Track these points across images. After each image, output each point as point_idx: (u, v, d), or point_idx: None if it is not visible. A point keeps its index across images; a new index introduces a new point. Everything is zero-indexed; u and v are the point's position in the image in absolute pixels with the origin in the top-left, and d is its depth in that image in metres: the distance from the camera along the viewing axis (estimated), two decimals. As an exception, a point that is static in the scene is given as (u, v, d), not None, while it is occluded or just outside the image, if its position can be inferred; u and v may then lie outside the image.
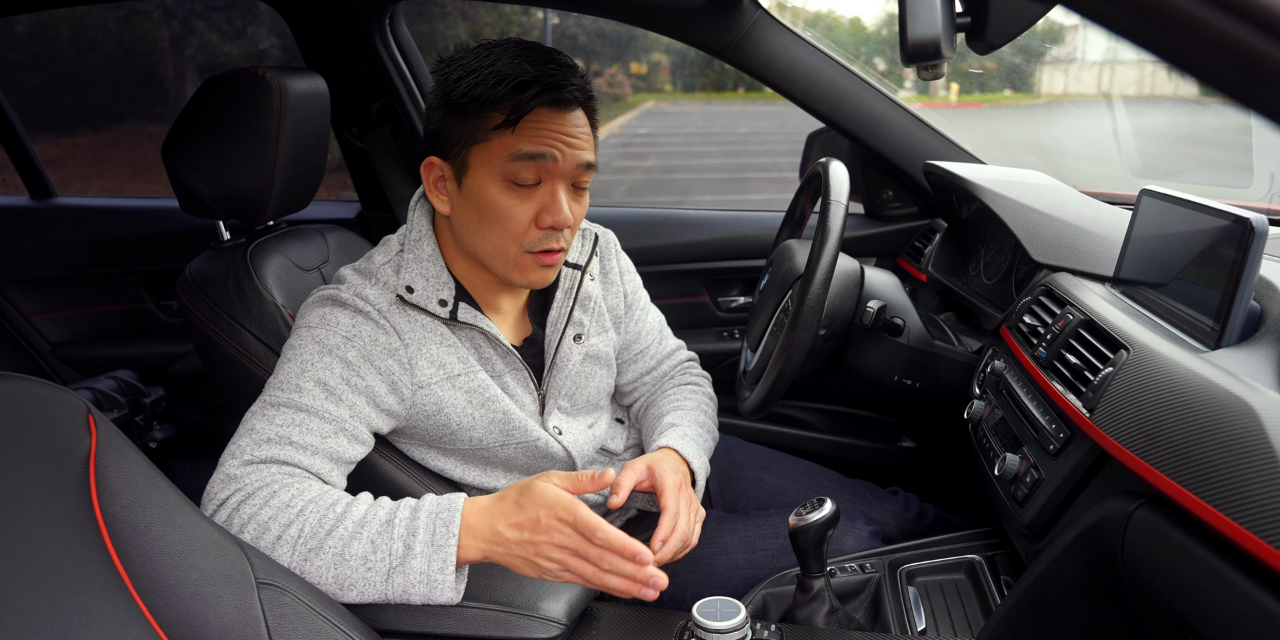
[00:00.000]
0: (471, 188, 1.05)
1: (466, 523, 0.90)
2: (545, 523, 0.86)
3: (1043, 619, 0.92)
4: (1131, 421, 0.81)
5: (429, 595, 0.89)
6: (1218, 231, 0.86)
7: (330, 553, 0.88)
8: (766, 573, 1.22)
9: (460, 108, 1.02)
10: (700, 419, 1.28)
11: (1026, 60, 5.58)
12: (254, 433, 0.97)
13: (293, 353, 1.03)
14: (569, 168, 1.04)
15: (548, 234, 1.05)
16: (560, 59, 1.04)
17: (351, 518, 0.91)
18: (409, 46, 2.00)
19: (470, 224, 1.07)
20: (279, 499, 0.92)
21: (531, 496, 0.88)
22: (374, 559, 0.88)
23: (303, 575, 0.88)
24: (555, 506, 0.87)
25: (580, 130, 1.05)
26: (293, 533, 0.89)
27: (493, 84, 1.00)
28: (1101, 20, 0.48)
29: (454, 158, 1.06)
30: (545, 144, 1.02)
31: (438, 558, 0.88)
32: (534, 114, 1.01)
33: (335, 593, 0.89)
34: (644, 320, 1.36)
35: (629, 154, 11.14)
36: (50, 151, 6.71)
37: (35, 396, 0.72)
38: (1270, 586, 0.61)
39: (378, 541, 0.89)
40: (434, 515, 0.90)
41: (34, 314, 2.26)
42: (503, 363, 1.14)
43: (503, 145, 1.02)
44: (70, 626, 0.64)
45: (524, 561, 0.89)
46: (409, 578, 0.88)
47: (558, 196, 1.04)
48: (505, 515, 0.89)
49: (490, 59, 1.02)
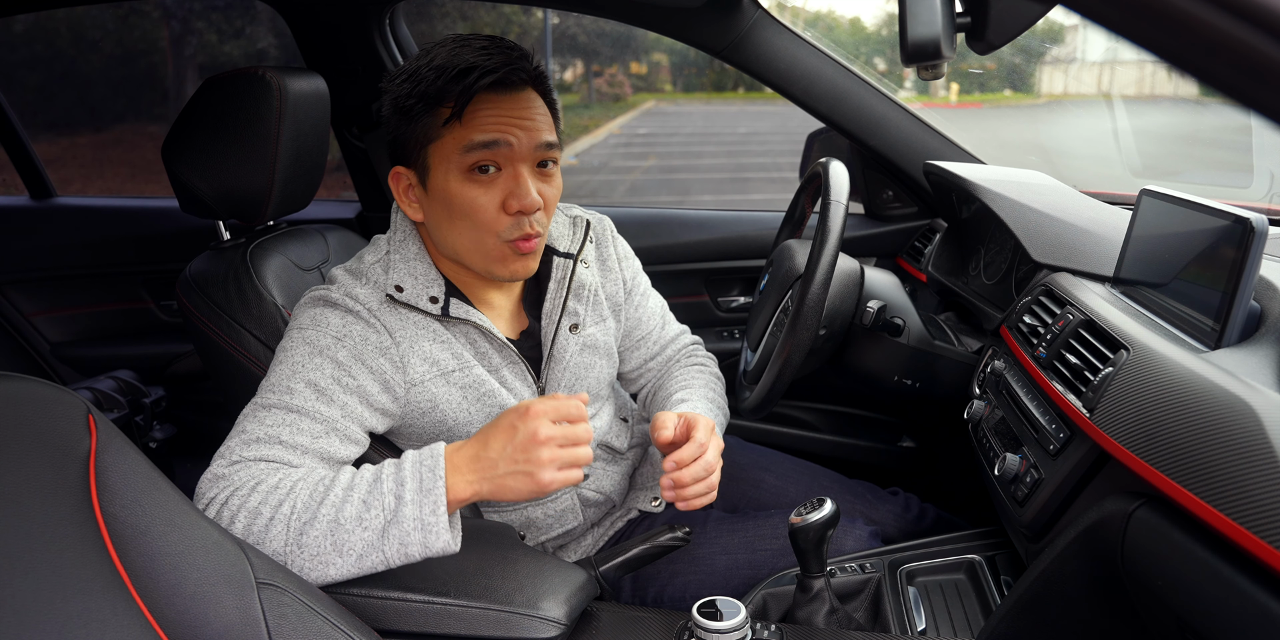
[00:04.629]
0: (435, 187, 1.04)
1: (451, 463, 0.92)
2: (525, 425, 0.89)
3: (1043, 619, 0.92)
4: (1131, 421, 0.81)
5: (425, 542, 0.89)
6: (1218, 231, 0.86)
7: (324, 520, 0.89)
8: (766, 573, 1.22)
9: (408, 110, 1.02)
10: (710, 395, 1.28)
11: (1026, 60, 5.58)
12: (244, 434, 0.98)
13: (284, 355, 1.03)
14: (527, 150, 1.03)
15: (518, 220, 1.04)
16: (502, 43, 1.03)
17: (340, 484, 0.92)
18: (409, 46, 2.00)
19: (443, 224, 1.06)
20: (266, 484, 0.92)
21: (502, 414, 0.92)
22: (368, 517, 0.89)
23: (299, 550, 0.88)
24: (526, 407, 0.90)
25: (533, 111, 1.03)
26: (285, 511, 0.90)
27: (433, 78, 0.99)
28: (1101, 20, 0.48)
29: (415, 162, 1.05)
30: (497, 130, 1.01)
31: (428, 501, 0.89)
32: (481, 102, 1.00)
33: (333, 561, 0.89)
34: (644, 306, 1.35)
35: (629, 154, 11.14)
36: (50, 151, 6.71)
37: (35, 396, 0.72)
38: (1270, 586, 0.61)
39: (369, 500, 0.90)
40: (418, 463, 0.92)
41: (34, 314, 2.26)
42: (499, 357, 1.14)
43: (455, 139, 1.01)
44: (70, 626, 0.64)
45: (518, 476, 0.90)
46: (403, 527, 0.89)
47: (522, 180, 1.02)
48: (483, 438, 0.92)
49: (429, 57, 1.01)
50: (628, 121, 14.29)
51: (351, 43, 1.90)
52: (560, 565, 1.01)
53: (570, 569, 1.00)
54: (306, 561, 0.89)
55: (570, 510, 1.25)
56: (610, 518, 1.33)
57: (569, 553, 1.30)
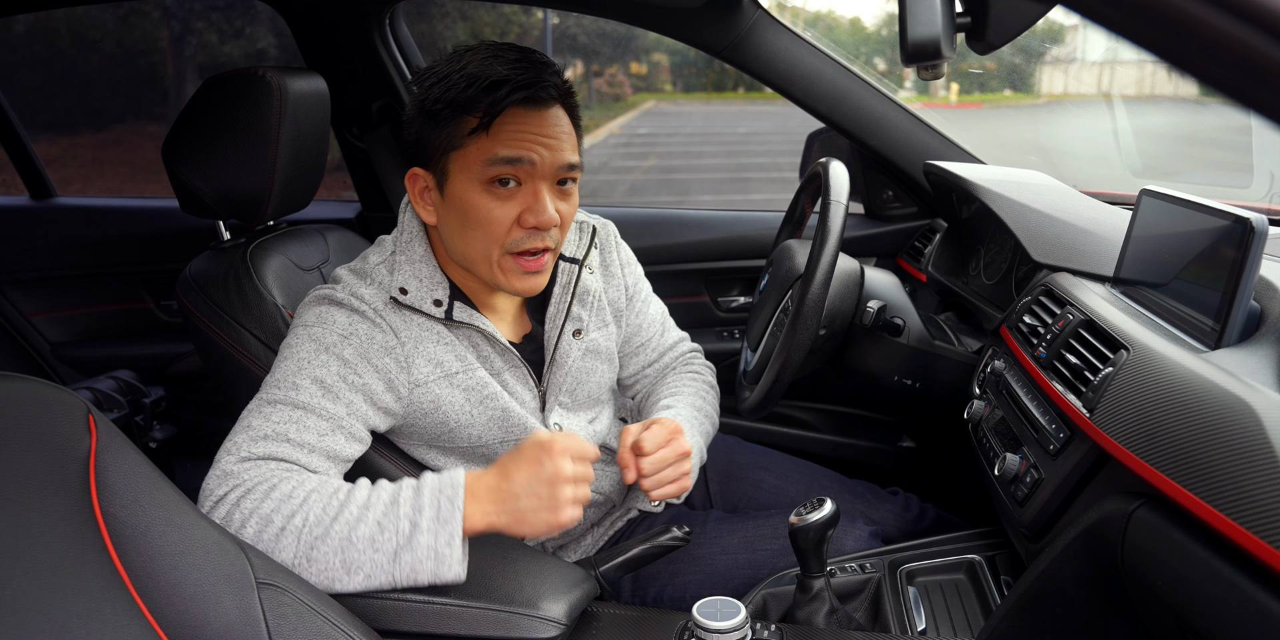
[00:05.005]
0: (453, 194, 1.04)
1: (470, 492, 0.92)
2: (550, 462, 0.91)
3: (1043, 619, 0.92)
4: (1131, 421, 0.81)
5: (436, 572, 0.89)
6: (1218, 231, 0.86)
7: (336, 538, 0.89)
8: (766, 573, 1.22)
9: (435, 115, 1.02)
10: (697, 403, 1.28)
11: (1026, 60, 5.58)
12: (250, 430, 0.97)
13: (289, 351, 1.03)
14: (549, 169, 1.03)
15: (530, 233, 1.04)
16: (534, 57, 1.03)
17: (355, 502, 0.91)
18: (409, 46, 2.00)
19: (455, 230, 1.06)
20: (279, 492, 0.92)
21: (523, 444, 0.94)
22: (381, 539, 0.89)
23: (308, 563, 0.88)
24: (550, 444, 0.92)
25: (559, 130, 1.03)
26: (296, 523, 0.89)
27: (464, 87, 0.99)
28: (1101, 20, 0.48)
29: (434, 166, 1.05)
30: (522, 147, 1.00)
31: (444, 532, 0.89)
32: (509, 116, 1.00)
33: (340, 578, 0.88)
34: (645, 312, 1.35)
35: (629, 154, 11.14)
36: (50, 151, 6.71)
37: (35, 396, 0.72)
38: (1270, 586, 0.61)
39: (384, 522, 0.90)
40: (438, 491, 0.92)
41: (34, 314, 2.26)
42: (501, 360, 1.14)
43: (480, 150, 1.01)
44: (70, 626, 0.64)
45: (539, 512, 0.91)
46: (416, 555, 0.88)
47: (541, 197, 1.03)
48: (504, 470, 0.93)
49: (461, 63, 1.01)
50: (628, 121, 14.29)
51: (351, 43, 1.90)
52: (560, 565, 1.01)
53: (570, 569, 1.01)
54: (315, 575, 0.89)
55: (570, 510, 1.25)
56: (610, 518, 1.33)
57: (569, 553, 1.30)
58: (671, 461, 1.07)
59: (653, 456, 1.06)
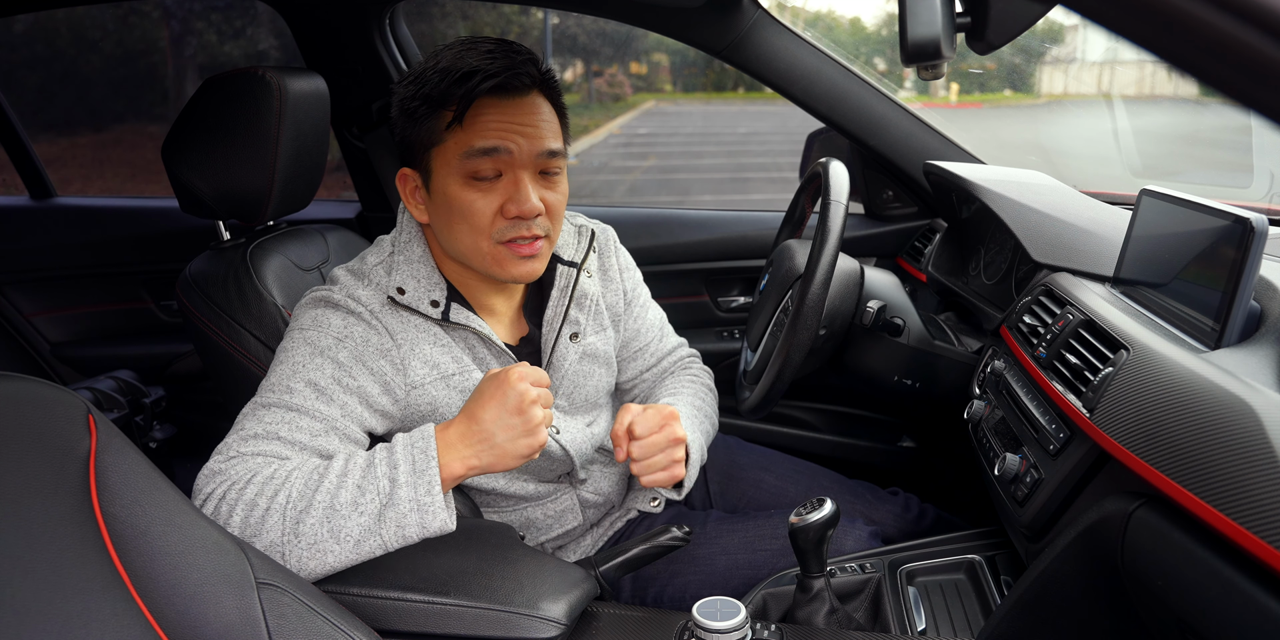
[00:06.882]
0: (437, 190, 1.05)
1: (443, 441, 0.93)
2: (512, 391, 0.93)
3: (1043, 619, 0.92)
4: (1131, 421, 0.81)
5: (423, 523, 0.90)
6: (1218, 231, 0.86)
7: (320, 507, 0.89)
8: (766, 573, 1.22)
9: (413, 112, 1.03)
10: (696, 403, 1.28)
11: (1026, 60, 5.58)
12: (242, 431, 0.98)
13: (285, 355, 1.03)
14: (528, 157, 1.03)
15: (515, 223, 1.04)
16: (510, 47, 1.02)
17: (334, 471, 0.92)
18: (409, 46, 2.00)
19: (444, 226, 1.07)
20: (261, 476, 0.92)
21: (480, 385, 0.97)
22: (364, 502, 0.90)
23: (296, 538, 0.89)
24: (505, 375, 0.94)
25: (537, 118, 1.03)
26: (280, 500, 0.90)
27: (437, 81, 1.00)
28: (1101, 20, 0.48)
29: (419, 165, 1.06)
30: (498, 137, 1.01)
31: (422, 481, 0.90)
32: (483, 106, 1.00)
33: (331, 549, 0.89)
34: (644, 317, 1.35)
35: (629, 154, 11.14)
36: (50, 151, 6.71)
37: (35, 396, 0.72)
38: (1270, 586, 0.61)
39: (364, 484, 0.91)
40: (410, 445, 0.93)
41: (34, 314, 2.26)
42: (497, 363, 1.14)
43: (456, 144, 1.01)
44: (70, 626, 0.64)
45: (518, 440, 0.93)
46: (399, 510, 0.90)
47: (522, 186, 1.03)
48: (470, 412, 0.95)
49: (436, 59, 1.02)
50: (628, 121, 14.29)
51: (351, 43, 1.90)
52: (560, 565, 1.01)
53: (570, 569, 1.01)
54: (305, 551, 0.89)
55: (570, 510, 1.25)
56: (610, 518, 1.33)
57: (569, 553, 1.30)
58: (663, 447, 1.06)
59: (645, 440, 1.06)
